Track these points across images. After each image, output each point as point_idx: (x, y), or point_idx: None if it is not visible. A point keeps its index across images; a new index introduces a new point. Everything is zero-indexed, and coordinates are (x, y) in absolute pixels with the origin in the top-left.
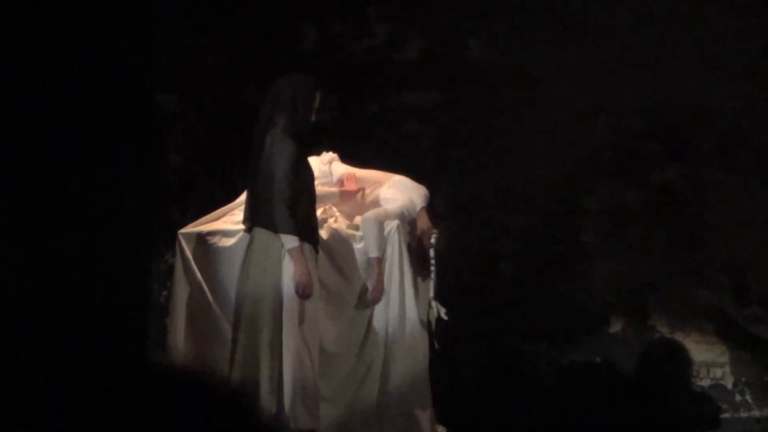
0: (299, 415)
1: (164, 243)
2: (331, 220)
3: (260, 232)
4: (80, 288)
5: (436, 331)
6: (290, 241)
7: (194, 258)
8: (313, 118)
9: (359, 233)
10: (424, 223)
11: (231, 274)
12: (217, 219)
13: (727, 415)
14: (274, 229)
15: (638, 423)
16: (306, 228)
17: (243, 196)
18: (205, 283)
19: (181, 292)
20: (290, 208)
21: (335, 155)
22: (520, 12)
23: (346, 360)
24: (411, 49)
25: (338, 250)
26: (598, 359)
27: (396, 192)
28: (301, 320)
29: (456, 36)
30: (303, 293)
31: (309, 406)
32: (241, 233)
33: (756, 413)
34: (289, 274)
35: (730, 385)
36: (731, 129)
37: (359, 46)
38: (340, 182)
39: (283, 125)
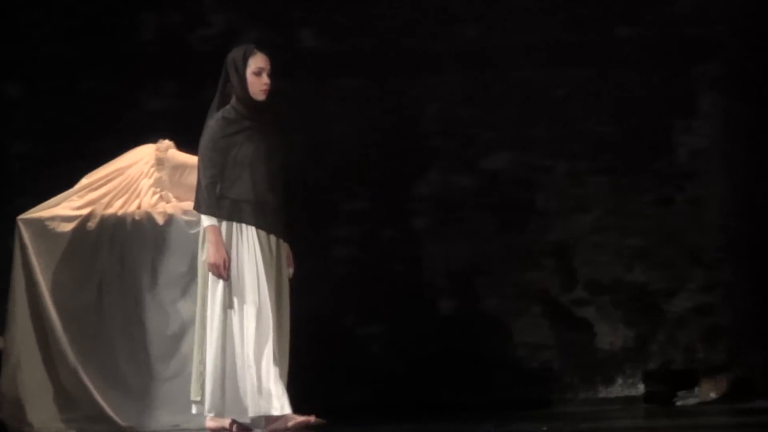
0: (219, 404)
1: (5, 229)
2: (168, 205)
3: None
4: None
5: None
6: (206, 220)
7: (32, 244)
8: (261, 81)
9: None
10: None
11: (69, 258)
12: (57, 205)
13: (554, 397)
14: (197, 208)
15: (468, 403)
16: (235, 209)
17: (82, 182)
18: (42, 269)
19: (19, 278)
20: (208, 186)
21: (171, 143)
22: (354, 3)
23: (176, 341)
24: (246, 38)
25: (173, 234)
26: (430, 341)
27: None
28: (229, 305)
29: (289, 26)
30: (217, 275)
31: (234, 395)
32: (81, 218)
33: (582, 395)
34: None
35: (557, 367)
36: (559, 117)
37: (196, 36)
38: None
39: (214, 103)
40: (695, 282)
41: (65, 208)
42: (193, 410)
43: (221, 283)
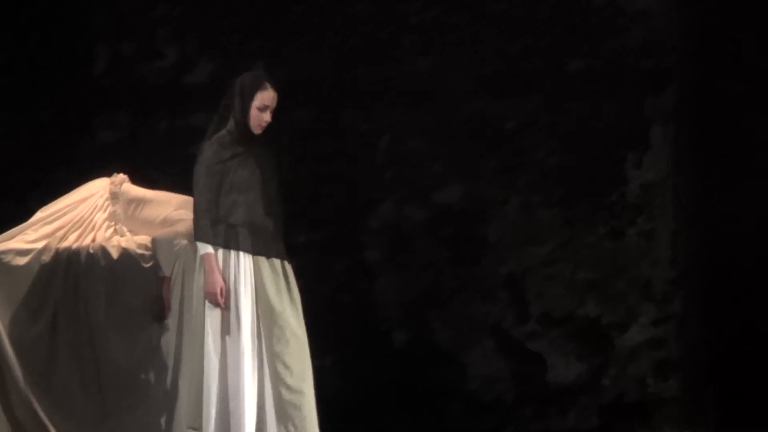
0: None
1: None
2: (122, 239)
3: None
4: None
5: None
6: (201, 248)
7: None
8: (262, 117)
9: (149, 252)
10: None
11: (21, 293)
12: (12, 238)
13: (508, 429)
14: (194, 237)
15: None
16: (231, 235)
17: (37, 215)
18: None
19: None
20: (204, 213)
21: (125, 177)
22: (307, 35)
23: (134, 373)
24: (199, 71)
25: (127, 268)
26: (382, 373)
27: (185, 212)
28: (226, 331)
29: (242, 58)
30: (215, 303)
31: (232, 423)
32: (35, 252)
33: (535, 427)
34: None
35: (510, 400)
36: (511, 149)
37: (149, 68)
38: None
39: (213, 122)
40: (647, 315)
41: (19, 241)
42: None
43: (217, 310)
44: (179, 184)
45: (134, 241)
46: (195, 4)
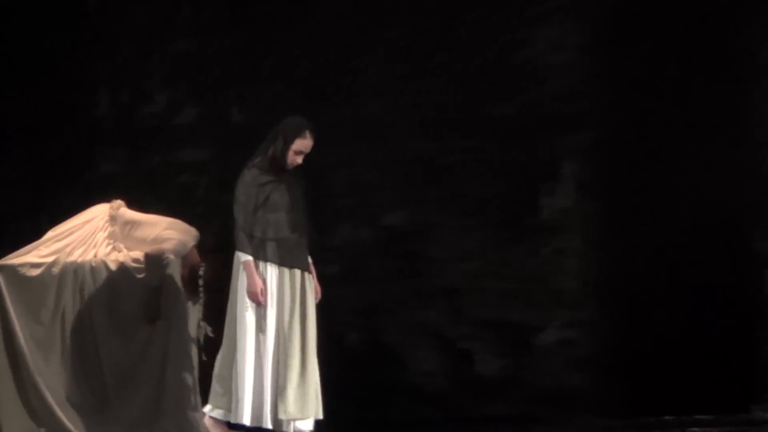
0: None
1: None
2: (120, 254)
3: None
4: None
5: (204, 346)
6: (242, 256)
7: (6, 285)
8: (296, 159)
9: (142, 266)
10: (194, 258)
11: (35, 299)
12: (27, 253)
13: (445, 415)
14: (236, 247)
15: (370, 421)
16: (260, 248)
17: (48, 234)
18: (14, 306)
19: None
20: (243, 228)
21: (122, 202)
22: (277, 82)
23: (130, 367)
24: (186, 114)
25: (123, 279)
26: (338, 368)
27: (173, 232)
28: (260, 329)
29: (222, 104)
30: (255, 301)
31: (255, 404)
32: (47, 265)
33: (469, 414)
34: (243, 285)
35: (447, 391)
36: (448, 180)
37: (143, 111)
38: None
39: (260, 149)
40: (560, 319)
41: (34, 255)
42: (213, 413)
43: (249, 309)
44: (169, 208)
45: (129, 256)
46: (181, 60)
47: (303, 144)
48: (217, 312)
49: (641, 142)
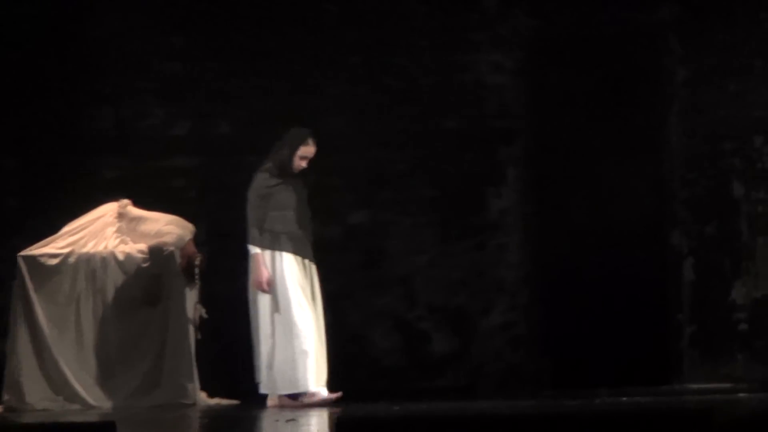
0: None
1: (6, 262)
2: (126, 246)
3: None
4: None
5: (200, 325)
6: (252, 250)
7: (28, 273)
8: (301, 163)
9: (146, 256)
10: (191, 249)
11: (53, 285)
12: (46, 245)
13: (402, 387)
14: (248, 242)
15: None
16: (276, 240)
17: (64, 229)
18: (35, 291)
19: (18, 296)
20: (254, 225)
21: (129, 201)
22: (255, 102)
23: (133, 342)
24: (181, 126)
25: (130, 267)
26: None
27: (172, 227)
28: (275, 309)
29: (212, 118)
30: (261, 290)
31: (288, 375)
32: (63, 255)
33: (423, 385)
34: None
35: (404, 365)
36: (403, 185)
37: (143, 124)
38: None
39: (269, 155)
40: (502, 304)
41: (52, 247)
42: (261, 389)
43: (267, 295)
44: (167, 206)
45: (135, 247)
46: (177, 79)
47: (307, 150)
48: (210, 297)
49: (570, 152)
